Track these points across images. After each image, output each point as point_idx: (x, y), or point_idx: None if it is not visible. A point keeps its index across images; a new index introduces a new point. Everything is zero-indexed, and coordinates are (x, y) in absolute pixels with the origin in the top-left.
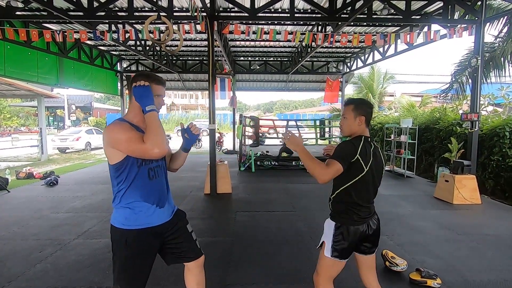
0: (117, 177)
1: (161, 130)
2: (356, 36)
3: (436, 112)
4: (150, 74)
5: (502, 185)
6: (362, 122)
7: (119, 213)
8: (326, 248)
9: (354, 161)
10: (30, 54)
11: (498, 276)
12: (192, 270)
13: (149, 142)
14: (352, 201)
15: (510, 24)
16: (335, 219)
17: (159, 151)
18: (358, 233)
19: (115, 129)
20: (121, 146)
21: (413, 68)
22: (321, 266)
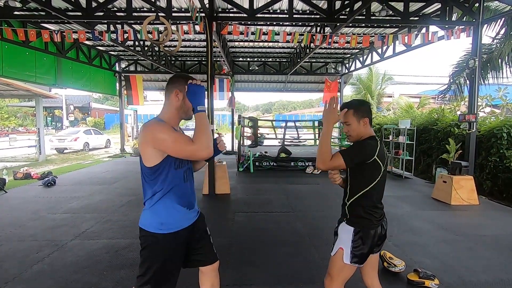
0: (153, 179)
1: (210, 131)
2: (355, 37)
3: (434, 113)
4: (188, 76)
5: (500, 186)
6: (366, 123)
7: (153, 217)
8: (345, 255)
9: (371, 162)
10: (28, 54)
11: (495, 276)
12: (206, 274)
13: (199, 142)
14: (371, 203)
15: (507, 25)
16: (354, 223)
17: (208, 152)
18: (377, 236)
19: (159, 128)
20: (166, 147)
21: (411, 69)
22: (336, 272)
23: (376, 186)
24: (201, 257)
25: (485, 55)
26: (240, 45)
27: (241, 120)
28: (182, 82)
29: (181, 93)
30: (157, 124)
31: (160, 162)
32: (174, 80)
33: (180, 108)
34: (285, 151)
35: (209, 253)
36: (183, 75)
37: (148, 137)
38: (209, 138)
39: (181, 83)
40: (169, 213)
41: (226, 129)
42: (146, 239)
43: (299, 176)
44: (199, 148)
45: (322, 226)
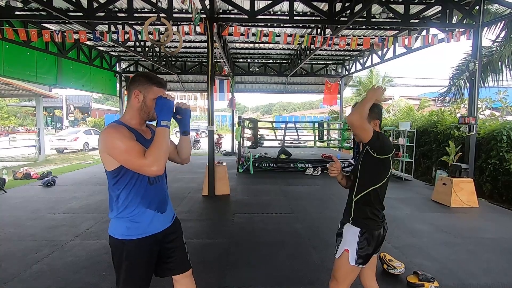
0: (115, 183)
1: (166, 149)
2: (355, 39)
3: (434, 116)
4: (151, 76)
5: (500, 188)
6: (377, 125)
7: (119, 223)
8: (350, 257)
9: (386, 159)
10: (29, 54)
11: (495, 279)
12: (179, 281)
13: (151, 158)
14: (377, 202)
15: (508, 28)
16: (360, 224)
17: (157, 169)
18: (381, 237)
19: (114, 135)
20: (117, 155)
21: (411, 72)
22: (341, 274)
23: (383, 186)
24: (172, 266)
25: (485, 57)
26: (241, 46)
27: (241, 121)
28: (143, 82)
29: (140, 93)
30: (112, 130)
31: (120, 165)
32: (135, 80)
33: (140, 109)
34: (285, 152)
35: (182, 262)
36: (144, 74)
37: (102, 142)
38: (162, 156)
39: (142, 83)
40: (135, 218)
41: (226, 130)
42: (115, 247)
43: (299, 177)
44: (148, 164)
45: (321, 227)
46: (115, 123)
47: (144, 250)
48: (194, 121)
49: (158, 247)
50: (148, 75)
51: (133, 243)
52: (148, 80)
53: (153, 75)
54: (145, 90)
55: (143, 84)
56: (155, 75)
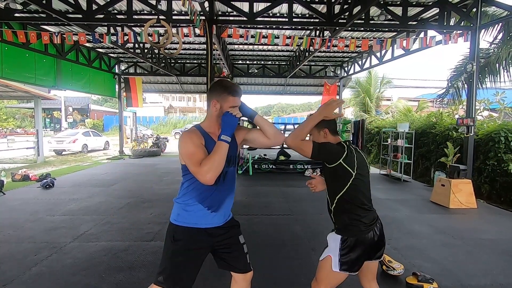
0: (184, 175)
1: (221, 161)
2: (353, 41)
3: (433, 117)
4: (228, 85)
5: (498, 189)
6: (327, 133)
7: (175, 208)
8: (333, 263)
9: (336, 166)
10: (28, 55)
11: (494, 280)
12: (238, 283)
13: (206, 167)
14: (353, 208)
15: (505, 30)
16: (341, 232)
17: (210, 178)
18: (367, 242)
19: (185, 139)
20: (182, 157)
21: (410, 73)
22: (322, 276)
23: (350, 191)
24: (231, 263)
25: (482, 59)
26: (240, 48)
27: (241, 122)
28: (220, 91)
29: (218, 103)
30: (186, 134)
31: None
32: (213, 89)
33: (218, 117)
34: (284, 154)
35: (240, 261)
36: (222, 84)
37: (179, 142)
38: (215, 166)
39: (219, 93)
40: (185, 208)
41: None
42: (169, 227)
43: (298, 179)
44: (202, 172)
45: (321, 229)
46: (193, 128)
47: (192, 239)
48: (193, 122)
49: (207, 242)
50: (225, 85)
51: (181, 229)
52: (225, 90)
53: (229, 84)
54: (222, 99)
55: (220, 94)
56: (232, 83)
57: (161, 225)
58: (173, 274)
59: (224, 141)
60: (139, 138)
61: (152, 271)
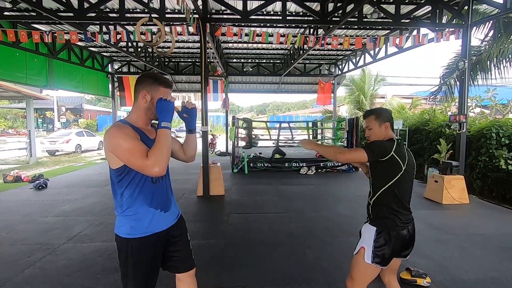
0: (119, 181)
1: (168, 150)
2: (347, 39)
3: (426, 114)
4: (158, 76)
5: (490, 185)
6: (388, 127)
7: (123, 221)
8: (366, 254)
9: (389, 158)
10: (19, 55)
11: (486, 274)
12: (183, 280)
13: (153, 158)
14: (395, 203)
15: (495, 28)
16: (376, 223)
17: (159, 170)
18: (400, 238)
19: (118, 134)
20: (120, 155)
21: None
22: (357, 272)
23: (397, 184)
24: (177, 263)
25: (474, 57)
26: (234, 47)
27: (235, 121)
28: (150, 82)
29: (148, 94)
30: (117, 129)
31: (124, 164)
32: (142, 80)
33: (148, 109)
34: (279, 152)
35: (186, 260)
36: (151, 75)
37: (106, 141)
38: (165, 156)
39: (149, 84)
40: (137, 217)
41: (221, 130)
42: (120, 244)
43: (293, 177)
44: (150, 165)
45: (316, 226)
46: (120, 123)
47: (148, 248)
48: None
49: (162, 245)
50: (155, 76)
51: (137, 241)
52: (155, 80)
53: (159, 75)
54: (152, 90)
55: (150, 85)
56: (161, 75)
57: None
58: (140, 285)
59: (165, 127)
60: None
61: None
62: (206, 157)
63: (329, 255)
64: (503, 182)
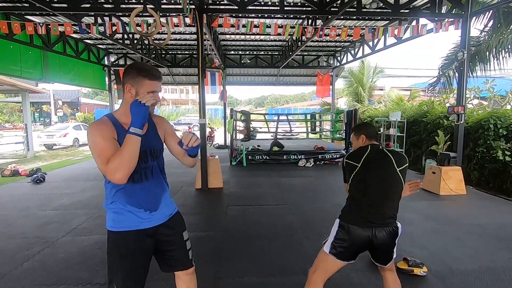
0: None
1: (131, 157)
2: (345, 29)
3: (424, 106)
4: (143, 68)
5: (487, 176)
6: (364, 138)
7: (108, 214)
8: (326, 244)
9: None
10: (13, 47)
11: (481, 264)
12: (182, 278)
13: (112, 165)
14: (355, 197)
15: (495, 18)
16: (341, 216)
17: (120, 178)
18: (361, 238)
19: (93, 133)
20: (92, 153)
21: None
22: (317, 261)
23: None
24: (171, 263)
25: (473, 47)
26: (232, 38)
27: (234, 114)
28: (135, 74)
29: (133, 87)
30: (94, 127)
31: None
32: (126, 72)
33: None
34: (277, 144)
35: (182, 260)
36: (136, 66)
37: (87, 134)
38: (124, 164)
39: (133, 76)
40: (119, 212)
41: (219, 123)
42: (107, 236)
43: (292, 169)
44: (109, 171)
45: (314, 218)
46: (104, 118)
47: (132, 242)
48: (186, 114)
49: (150, 241)
50: (140, 67)
51: (120, 234)
52: (139, 72)
53: (146, 66)
54: (137, 83)
55: (134, 77)
56: (149, 66)
57: None
58: (124, 279)
59: (133, 134)
60: None
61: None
62: (204, 150)
63: None
64: (500, 173)
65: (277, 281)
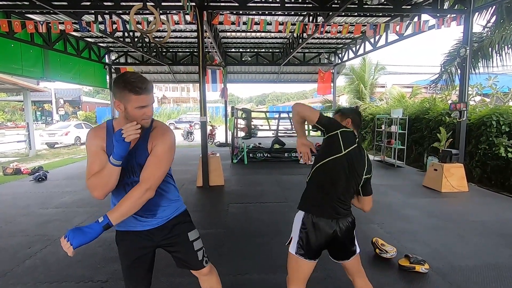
0: None
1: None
2: (346, 26)
3: (426, 103)
4: (129, 81)
5: (489, 173)
6: (349, 123)
7: None
8: (292, 244)
9: (333, 135)
10: (13, 46)
11: (483, 261)
12: (200, 278)
13: (91, 183)
14: (326, 186)
15: (498, 13)
16: (303, 207)
17: (97, 197)
18: (326, 230)
19: (89, 139)
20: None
21: (404, 59)
22: (288, 266)
23: (331, 165)
24: (181, 263)
25: (475, 43)
26: (232, 36)
27: (235, 111)
28: (121, 89)
29: (121, 103)
30: (92, 133)
31: None
32: (115, 86)
33: (125, 118)
34: (278, 142)
35: (190, 261)
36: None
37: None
38: (100, 186)
39: (120, 91)
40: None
41: (220, 121)
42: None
43: (293, 167)
44: (88, 186)
45: None
46: (102, 124)
47: (132, 242)
48: (187, 112)
49: (150, 242)
50: (125, 80)
51: (119, 233)
52: (125, 87)
53: (131, 79)
54: (123, 99)
55: (121, 92)
56: (136, 77)
57: None
58: (126, 277)
59: (111, 164)
60: None
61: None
62: (205, 148)
63: None
64: (502, 170)
65: (278, 278)
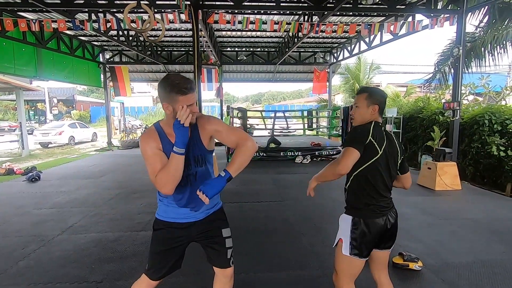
0: None
1: (177, 173)
2: (341, 25)
3: (420, 102)
4: (174, 83)
5: (481, 171)
6: (375, 111)
7: (158, 204)
8: (344, 246)
9: (367, 143)
10: (6, 44)
11: (476, 258)
12: (218, 277)
13: (163, 181)
14: (369, 189)
15: (490, 14)
16: (351, 212)
17: (168, 192)
18: (378, 227)
19: (142, 143)
20: (144, 160)
21: (398, 59)
22: (339, 266)
23: (371, 168)
24: (210, 256)
25: (468, 43)
26: (228, 35)
27: (230, 111)
28: (168, 92)
29: (170, 105)
30: (145, 137)
31: None
32: (160, 89)
33: (174, 118)
34: (274, 141)
35: (219, 256)
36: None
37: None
38: (169, 179)
39: (167, 94)
40: (165, 203)
41: None
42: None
43: (289, 166)
44: (158, 185)
45: (311, 214)
46: (151, 128)
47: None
48: None
49: (187, 235)
50: (171, 83)
51: (159, 222)
52: (172, 90)
53: (175, 81)
54: (171, 101)
55: (168, 95)
56: (179, 79)
57: (152, 215)
58: (154, 263)
59: (176, 153)
60: (127, 128)
61: (143, 260)
62: None
63: (323, 241)
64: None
65: (274, 276)
